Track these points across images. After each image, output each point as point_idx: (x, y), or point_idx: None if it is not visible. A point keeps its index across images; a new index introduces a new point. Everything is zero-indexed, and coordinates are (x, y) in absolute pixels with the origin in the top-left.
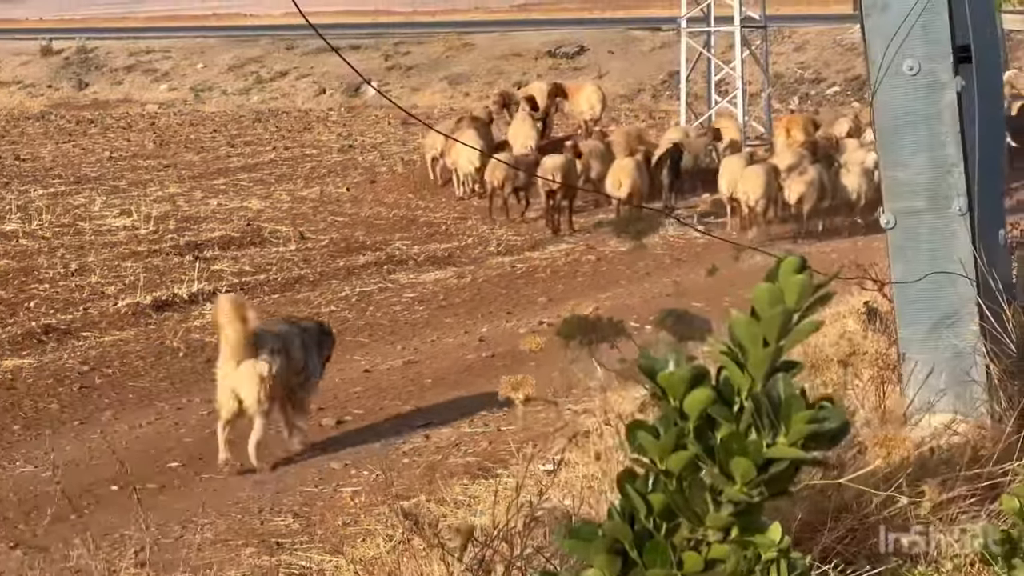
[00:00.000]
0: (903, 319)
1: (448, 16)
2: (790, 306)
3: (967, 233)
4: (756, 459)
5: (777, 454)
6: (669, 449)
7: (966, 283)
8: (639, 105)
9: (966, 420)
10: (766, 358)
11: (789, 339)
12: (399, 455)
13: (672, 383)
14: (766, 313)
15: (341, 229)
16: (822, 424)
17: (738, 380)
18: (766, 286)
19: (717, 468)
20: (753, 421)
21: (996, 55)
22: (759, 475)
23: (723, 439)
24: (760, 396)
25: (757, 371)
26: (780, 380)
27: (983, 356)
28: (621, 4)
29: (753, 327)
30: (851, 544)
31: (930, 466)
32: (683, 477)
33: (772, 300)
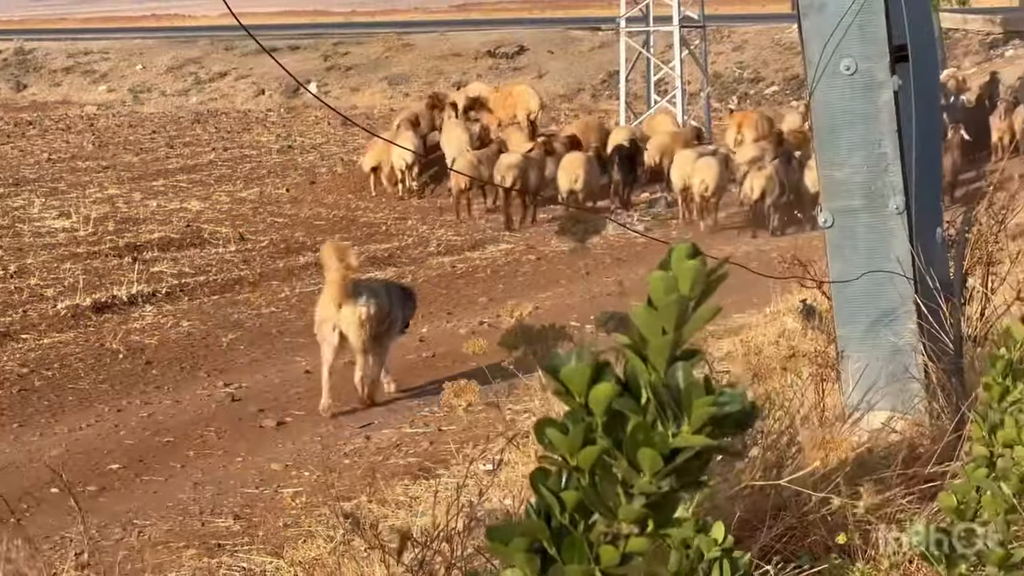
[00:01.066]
0: (841, 317)
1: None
2: (685, 293)
3: (904, 231)
4: (663, 449)
5: (682, 443)
6: (578, 445)
7: (904, 281)
8: (579, 105)
9: (904, 418)
10: (666, 347)
11: (687, 327)
12: (340, 456)
13: (574, 379)
14: (662, 301)
15: (281, 230)
16: (723, 408)
17: (641, 371)
18: (660, 274)
19: (626, 461)
20: (659, 412)
21: (933, 54)
22: (667, 465)
23: (630, 431)
24: (661, 386)
25: (658, 361)
26: (680, 368)
27: (921, 354)
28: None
29: (651, 316)
30: (790, 542)
31: (869, 464)
32: (594, 472)
33: (667, 288)
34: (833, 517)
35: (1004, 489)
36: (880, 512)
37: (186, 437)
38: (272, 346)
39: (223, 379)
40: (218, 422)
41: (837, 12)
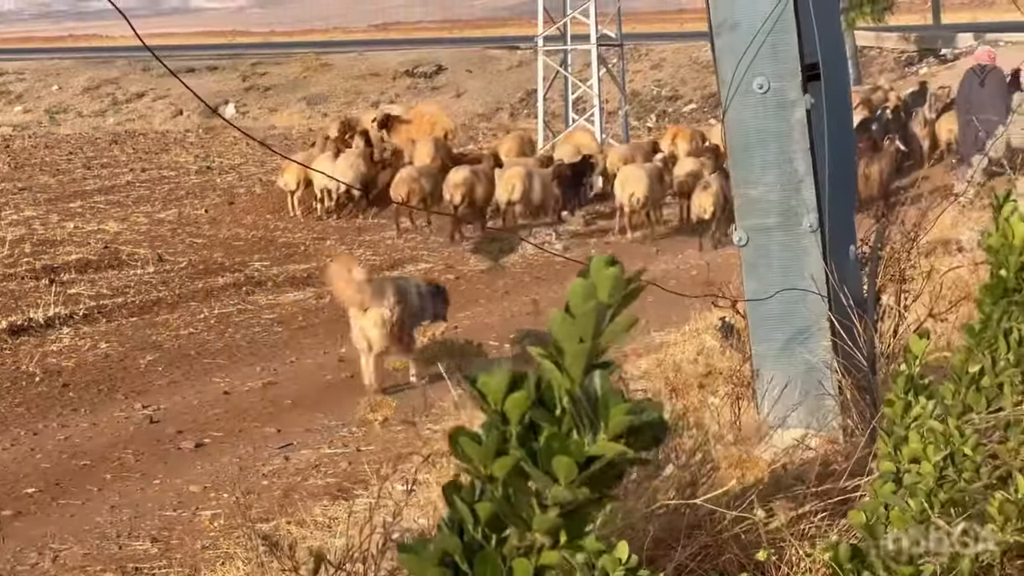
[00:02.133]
0: (756, 335)
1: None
2: (603, 301)
3: (818, 249)
4: (578, 457)
5: (598, 451)
6: (492, 455)
7: (817, 299)
8: (497, 124)
9: (819, 435)
10: (582, 355)
11: (605, 335)
12: (259, 477)
13: (491, 388)
14: (580, 309)
15: (200, 251)
16: (640, 418)
17: (557, 380)
18: (579, 282)
19: (541, 471)
20: (574, 421)
21: (844, 73)
22: (582, 474)
23: (545, 440)
24: (577, 394)
25: (574, 369)
26: (597, 377)
27: (835, 371)
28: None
29: (568, 324)
30: (704, 561)
31: (783, 481)
32: (508, 483)
33: (586, 295)
34: (747, 535)
35: (911, 504)
36: (793, 529)
37: (103, 460)
38: (191, 367)
39: (141, 401)
40: (136, 444)
41: (750, 31)
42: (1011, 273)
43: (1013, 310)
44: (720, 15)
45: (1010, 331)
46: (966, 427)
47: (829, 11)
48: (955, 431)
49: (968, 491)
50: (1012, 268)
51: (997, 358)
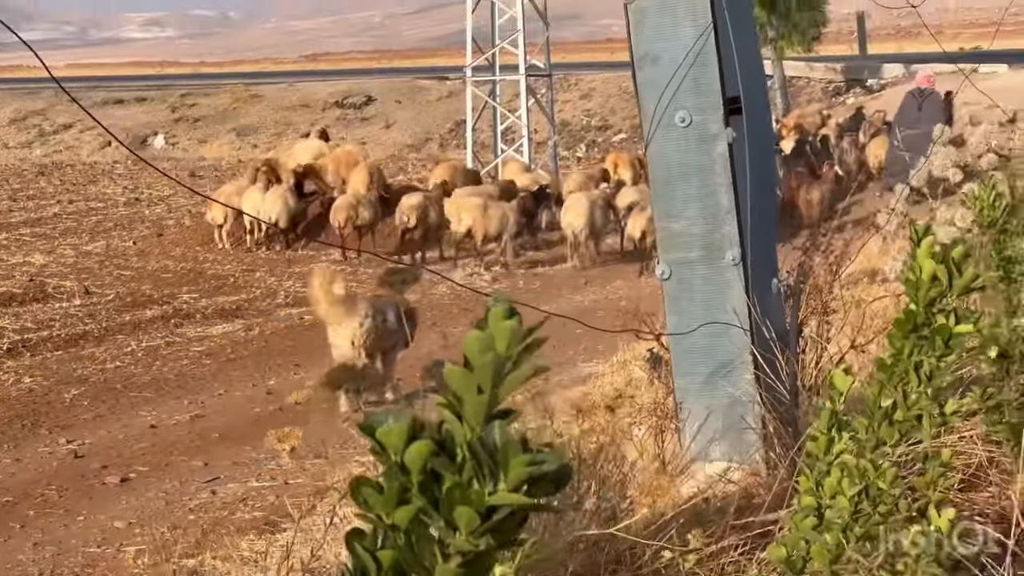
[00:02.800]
0: (679, 369)
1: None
2: (501, 353)
3: (741, 283)
4: (479, 507)
5: (499, 501)
6: (393, 503)
7: (740, 333)
8: (426, 154)
9: (741, 468)
10: (481, 406)
11: (504, 386)
12: (185, 512)
13: (390, 438)
14: (478, 361)
15: (127, 283)
16: (540, 467)
17: (457, 430)
18: (476, 334)
19: (442, 520)
20: (475, 471)
21: (765, 106)
22: (483, 523)
23: (446, 490)
24: (477, 445)
25: (474, 420)
26: (496, 428)
27: (758, 404)
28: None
29: (467, 376)
30: None
31: (704, 515)
32: (410, 531)
33: (483, 348)
34: (667, 570)
35: (827, 538)
36: (712, 564)
37: (26, 496)
38: (117, 401)
39: (65, 436)
40: (60, 480)
41: (671, 64)
42: (920, 308)
43: (923, 344)
44: (642, 48)
45: (920, 364)
46: (882, 460)
47: (749, 44)
48: (869, 465)
49: (886, 524)
50: (921, 303)
51: (908, 392)
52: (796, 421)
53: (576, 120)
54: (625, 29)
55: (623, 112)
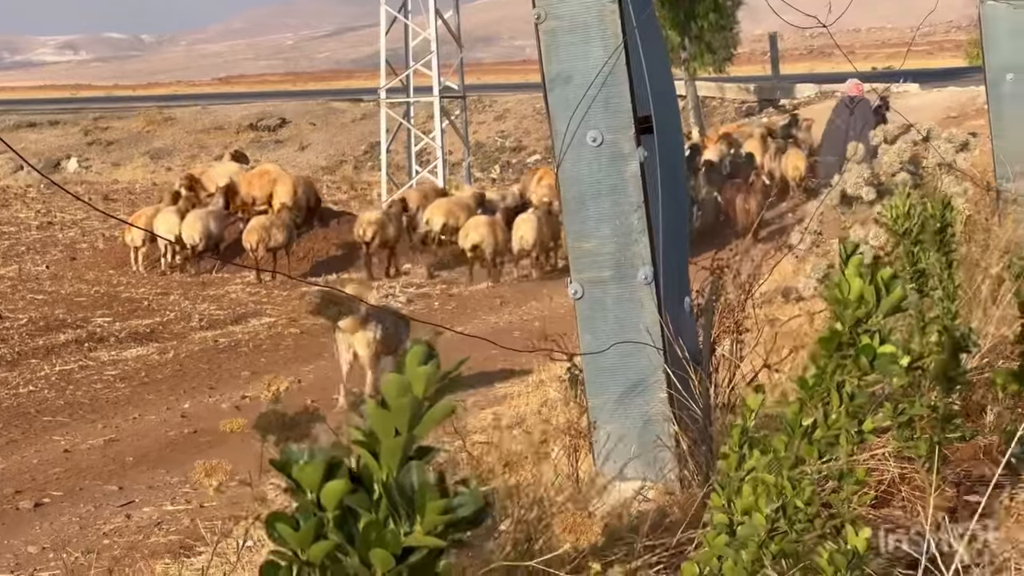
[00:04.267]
0: (592, 388)
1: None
2: (418, 395)
3: (653, 302)
4: (394, 549)
5: (414, 543)
6: (309, 540)
7: (653, 352)
8: (341, 177)
9: (656, 486)
10: (398, 448)
11: (420, 427)
12: (99, 536)
13: (305, 476)
14: (395, 403)
15: (40, 307)
16: (456, 513)
17: (374, 469)
18: (395, 377)
19: (358, 558)
20: (392, 510)
21: (677, 125)
22: (399, 564)
23: (362, 529)
24: (392, 487)
25: (391, 460)
26: (413, 469)
27: (671, 423)
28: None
29: (384, 417)
30: None
31: (618, 534)
32: (325, 568)
33: (400, 391)
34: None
35: (743, 556)
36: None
37: None
38: (30, 426)
39: None
40: None
41: (582, 84)
42: (846, 327)
43: (847, 364)
44: (553, 69)
45: (843, 384)
46: (800, 479)
47: (660, 64)
48: (787, 483)
49: (802, 542)
50: (847, 322)
51: (830, 411)
52: (710, 440)
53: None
54: (537, 50)
55: (537, 133)
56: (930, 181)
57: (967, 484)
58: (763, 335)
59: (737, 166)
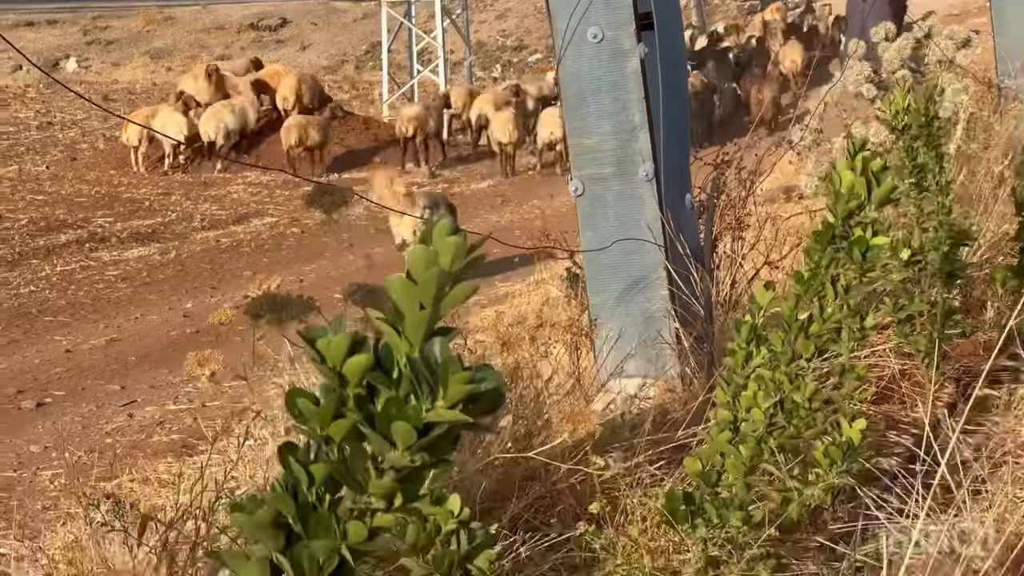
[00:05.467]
0: (593, 286)
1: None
2: (445, 268)
3: (654, 198)
4: (416, 423)
5: (436, 418)
6: (329, 417)
7: (654, 248)
8: (342, 76)
9: (656, 383)
10: (422, 322)
11: (445, 302)
12: (102, 436)
13: (330, 350)
14: (421, 276)
15: (41, 208)
16: (479, 386)
17: (397, 345)
18: (421, 248)
19: (378, 435)
20: (412, 387)
21: (678, 21)
22: (419, 440)
23: (383, 405)
24: (417, 361)
25: (414, 335)
26: (437, 344)
27: (673, 320)
28: None
29: (409, 291)
30: (539, 512)
31: (619, 431)
32: (345, 445)
33: (427, 263)
34: (582, 485)
35: (742, 451)
36: (629, 478)
37: None
38: (31, 326)
39: None
40: None
41: None
42: (838, 220)
43: (840, 257)
44: None
45: (837, 278)
46: (799, 374)
47: None
48: (784, 378)
49: (802, 437)
50: (839, 215)
51: (825, 305)
52: (712, 337)
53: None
54: None
55: (538, 32)
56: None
57: (967, 380)
58: (764, 233)
59: (749, 56)
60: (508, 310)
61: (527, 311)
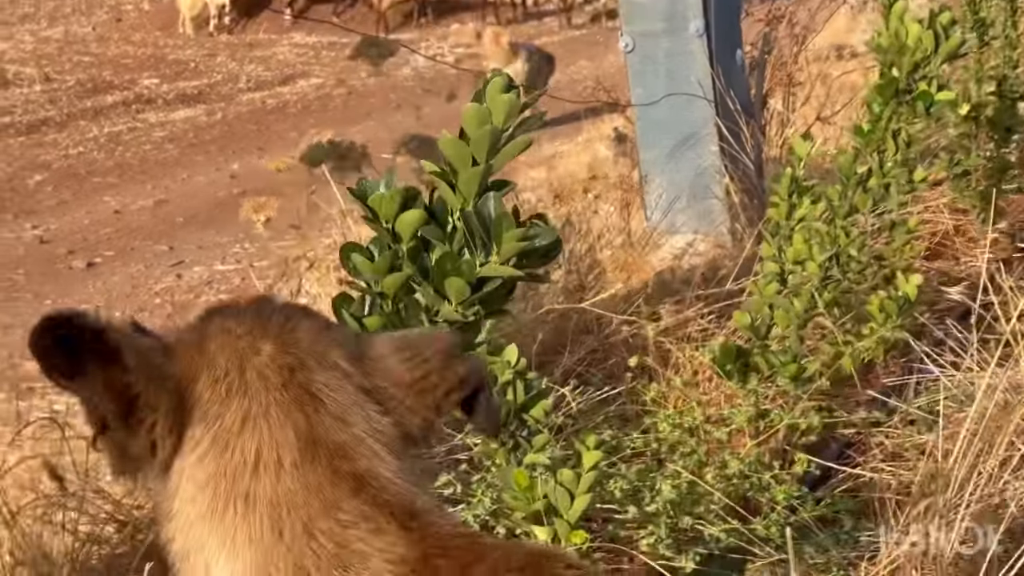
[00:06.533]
0: (644, 142)
1: None
2: (497, 125)
3: (705, 54)
4: (469, 278)
5: (490, 272)
6: (384, 271)
7: (704, 104)
8: None
9: (706, 239)
10: (476, 177)
11: (498, 158)
12: (151, 295)
13: (383, 205)
14: (474, 132)
15: (87, 69)
16: (533, 241)
17: (450, 200)
18: (474, 106)
19: (432, 289)
20: (466, 241)
21: None
22: (473, 294)
23: (437, 260)
24: (471, 215)
25: (468, 190)
26: (491, 199)
27: (723, 175)
28: None
29: (462, 147)
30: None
31: (671, 286)
32: (398, 299)
33: (480, 120)
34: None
35: (795, 304)
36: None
37: None
38: (80, 187)
39: (30, 221)
40: (27, 265)
41: None
42: (903, 73)
43: (903, 111)
44: None
45: (899, 132)
46: (852, 228)
47: None
48: (841, 232)
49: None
50: (904, 69)
51: (884, 159)
52: (762, 193)
53: None
54: None
55: None
56: None
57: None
58: (816, 90)
59: None
60: (558, 168)
61: (575, 170)
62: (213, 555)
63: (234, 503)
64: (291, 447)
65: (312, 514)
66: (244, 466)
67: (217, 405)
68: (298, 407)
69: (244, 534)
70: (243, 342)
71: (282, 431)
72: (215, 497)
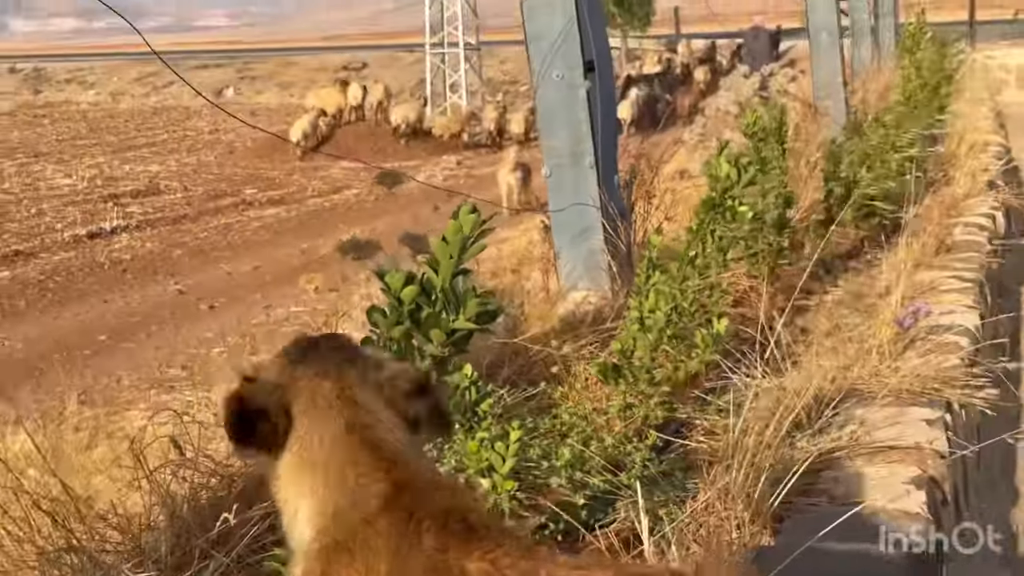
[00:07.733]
0: (557, 233)
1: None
2: (466, 234)
3: (595, 178)
4: (445, 330)
5: (458, 326)
6: (392, 324)
7: (595, 210)
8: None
9: (595, 295)
10: (451, 267)
11: (467, 254)
12: (250, 327)
13: (393, 282)
14: (451, 238)
15: (211, 183)
16: (486, 307)
17: (435, 280)
18: (452, 222)
19: (422, 335)
20: (444, 306)
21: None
22: (448, 339)
23: (426, 317)
24: (448, 290)
25: (446, 275)
26: (461, 279)
27: (606, 254)
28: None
29: (443, 247)
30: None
31: (572, 324)
32: (401, 342)
33: (455, 231)
34: (548, 359)
35: (649, 337)
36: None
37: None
38: (206, 258)
39: (173, 280)
40: (170, 308)
41: (551, 40)
42: (717, 194)
43: (718, 217)
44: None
45: (715, 230)
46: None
47: (600, 26)
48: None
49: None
50: (719, 191)
51: (706, 246)
52: (631, 265)
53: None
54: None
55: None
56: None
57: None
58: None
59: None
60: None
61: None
62: (300, 501)
63: (310, 468)
64: (340, 431)
65: (346, 469)
66: (316, 446)
67: (304, 418)
68: (347, 409)
69: (311, 486)
70: (315, 381)
71: (336, 423)
72: (301, 467)
